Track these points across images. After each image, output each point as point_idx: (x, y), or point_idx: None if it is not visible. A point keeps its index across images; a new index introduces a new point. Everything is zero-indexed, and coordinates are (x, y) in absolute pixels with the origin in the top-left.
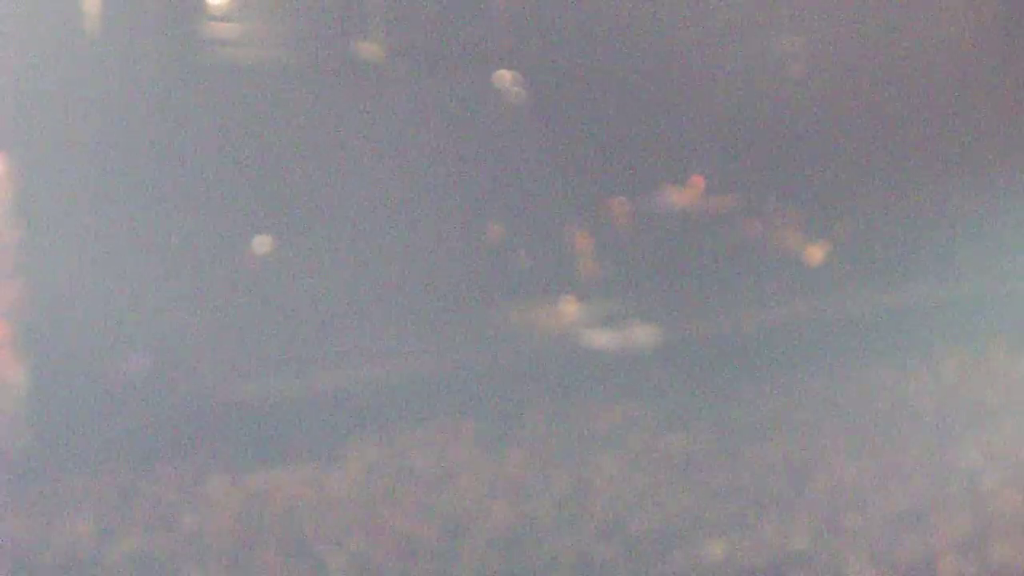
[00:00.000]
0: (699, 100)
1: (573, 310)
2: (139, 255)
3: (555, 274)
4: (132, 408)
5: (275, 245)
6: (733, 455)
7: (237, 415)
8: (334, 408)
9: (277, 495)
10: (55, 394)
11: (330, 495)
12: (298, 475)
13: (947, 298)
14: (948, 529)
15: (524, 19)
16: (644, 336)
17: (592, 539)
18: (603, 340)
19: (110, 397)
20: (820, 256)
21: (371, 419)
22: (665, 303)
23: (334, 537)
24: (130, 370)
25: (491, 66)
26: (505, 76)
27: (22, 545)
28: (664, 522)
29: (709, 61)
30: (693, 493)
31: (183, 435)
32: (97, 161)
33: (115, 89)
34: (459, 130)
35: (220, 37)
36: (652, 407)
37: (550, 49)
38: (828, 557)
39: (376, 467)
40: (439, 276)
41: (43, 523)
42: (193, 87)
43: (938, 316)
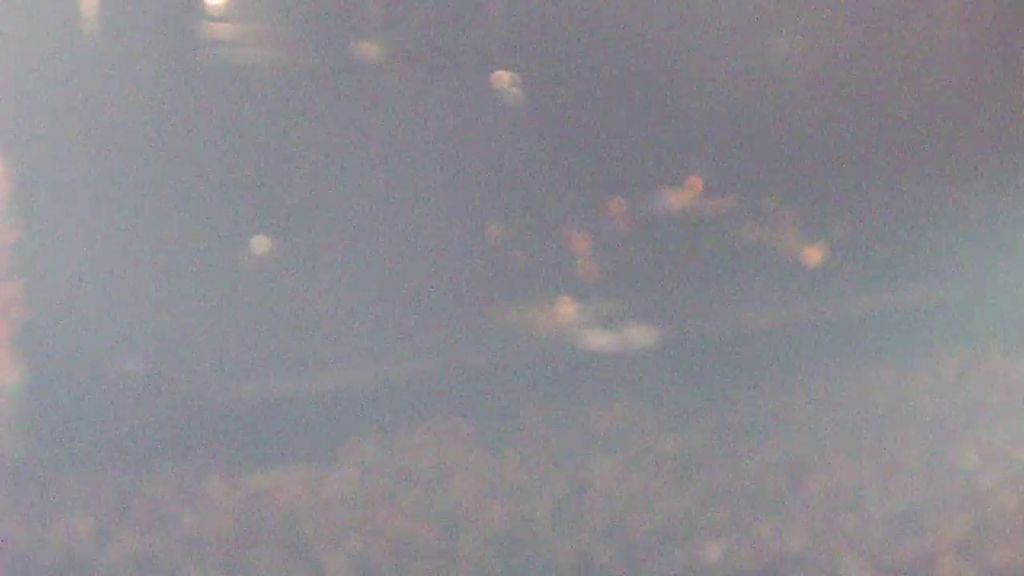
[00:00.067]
0: (698, 102)
1: (571, 311)
2: (137, 256)
3: (553, 275)
4: (130, 409)
5: (274, 246)
6: (731, 456)
7: (235, 416)
8: (332, 409)
9: (275, 495)
10: (54, 395)
11: (328, 495)
12: (296, 476)
13: (946, 299)
14: (946, 530)
15: (523, 21)
16: (642, 337)
17: (590, 539)
18: (601, 341)
19: (109, 398)
20: (818, 257)
21: (369, 420)
22: (663, 304)
23: (332, 537)
24: (129, 371)
25: (490, 67)
26: (504, 77)
27: (21, 545)
28: (662, 523)
29: (708, 63)
30: (691, 494)
31: (181, 436)
32: (95, 162)
33: (113, 89)
34: (458, 131)
35: (218, 37)
36: (650, 408)
37: (549, 51)
38: (825, 558)
39: (374, 467)
40: (437, 277)
41: (41, 523)
42: (191, 88)
43: (937, 317)
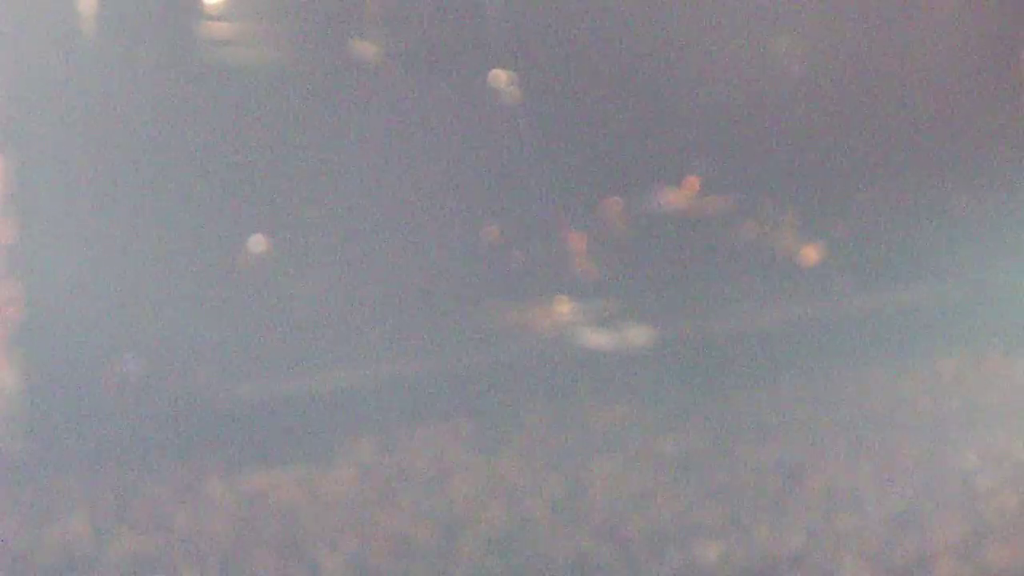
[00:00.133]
0: (695, 100)
1: (568, 310)
2: (136, 256)
3: (550, 274)
4: (128, 410)
5: (271, 246)
6: (729, 456)
7: (233, 417)
8: (330, 409)
9: (273, 496)
10: (51, 395)
11: (326, 496)
12: (294, 476)
13: (945, 299)
14: (944, 531)
15: (520, 19)
16: (639, 337)
17: (588, 540)
18: (599, 341)
19: (106, 399)
20: (816, 257)
21: (367, 420)
22: (661, 304)
23: (330, 538)
24: (126, 372)
25: (487, 66)
26: (500, 76)
27: (18, 545)
28: (660, 522)
29: (707, 62)
30: (689, 494)
31: (179, 436)
32: (93, 161)
33: (111, 89)
34: (454, 130)
35: (216, 36)
36: (648, 408)
37: (545, 49)
38: (823, 558)
39: (372, 468)
40: (434, 276)
41: (39, 524)
42: (190, 87)
43: (936, 317)
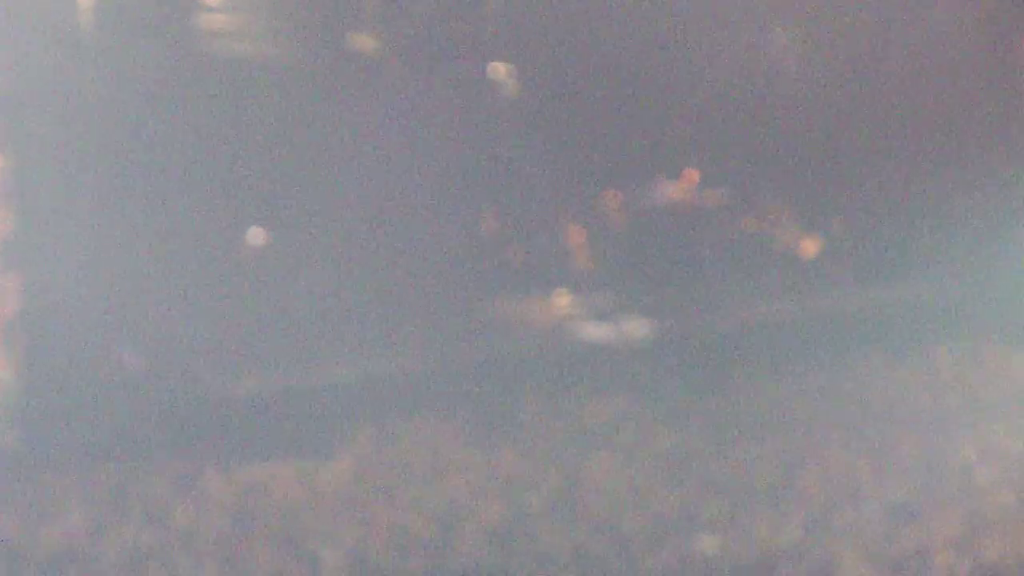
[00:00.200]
0: (695, 95)
1: (567, 305)
2: (133, 250)
3: (549, 269)
4: (126, 403)
5: (269, 240)
6: (726, 450)
7: (231, 410)
8: (327, 403)
9: (271, 489)
10: (49, 389)
11: (324, 489)
12: (291, 470)
13: (943, 293)
14: (942, 524)
15: (519, 12)
16: (638, 331)
17: (585, 533)
18: (597, 335)
19: (104, 392)
20: (815, 251)
21: (365, 414)
22: (659, 298)
23: (328, 531)
24: (124, 365)
25: (485, 59)
26: (500, 69)
27: (16, 540)
28: (657, 516)
29: (705, 56)
30: (686, 487)
31: (177, 430)
32: (91, 156)
33: (109, 83)
34: (453, 123)
35: (215, 29)
36: (646, 402)
37: (544, 42)
38: (821, 552)
39: (370, 461)
40: (433, 271)
41: (37, 519)
42: (188, 80)
43: (934, 311)
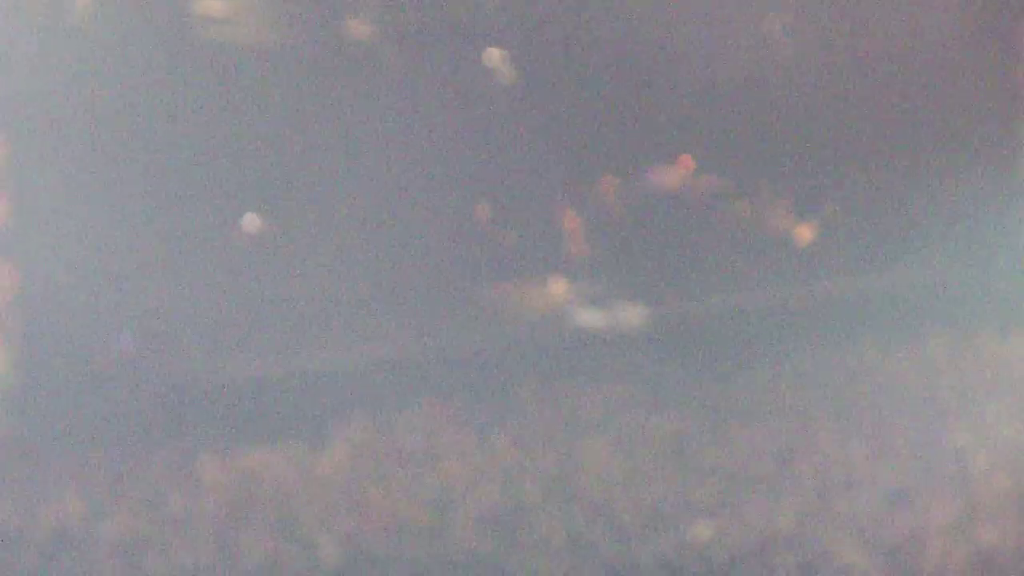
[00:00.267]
0: (690, 81)
1: (562, 291)
2: (128, 235)
3: (544, 255)
4: (121, 389)
5: (263, 226)
6: (721, 436)
7: (226, 395)
8: (323, 389)
9: (266, 475)
10: (44, 375)
11: (319, 475)
12: (287, 455)
13: (937, 280)
14: (937, 510)
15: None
16: (633, 318)
17: (581, 519)
18: (592, 321)
19: (99, 378)
20: (809, 238)
21: (360, 400)
22: (654, 284)
23: (323, 516)
24: (119, 351)
25: (481, 45)
26: (495, 55)
27: (12, 524)
28: (652, 503)
29: (700, 43)
30: (681, 474)
31: (172, 416)
32: (84, 142)
33: (104, 70)
34: (448, 110)
35: (209, 15)
36: (640, 388)
37: (539, 28)
38: (816, 538)
39: (365, 447)
40: (428, 257)
41: (33, 503)
42: (182, 66)
43: (928, 297)
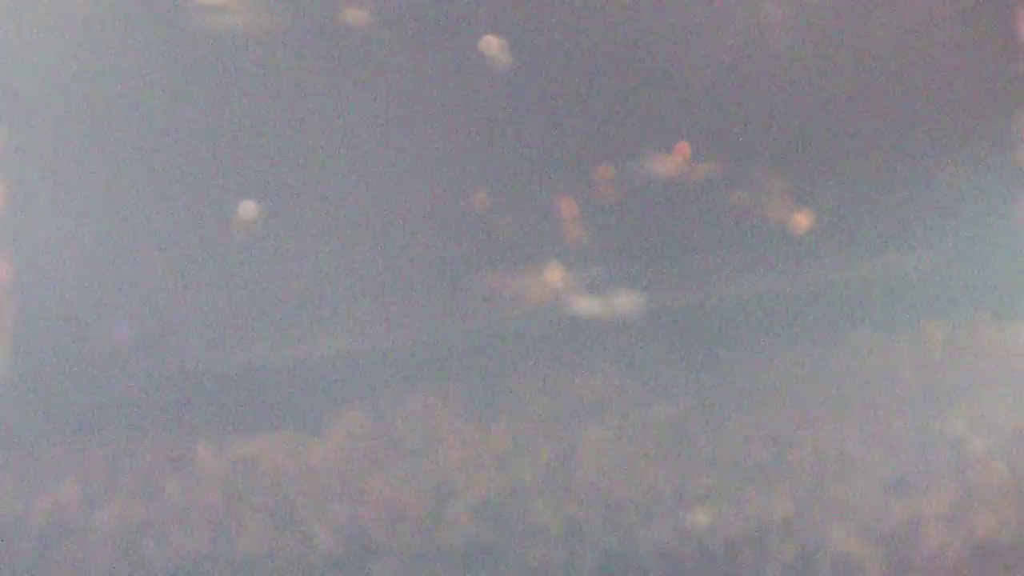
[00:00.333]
0: (687, 69)
1: (559, 279)
2: (124, 224)
3: (541, 243)
4: (118, 377)
5: (260, 215)
6: (718, 424)
7: (223, 383)
8: (320, 377)
9: (263, 462)
10: (41, 363)
11: (316, 463)
12: (284, 443)
13: (933, 267)
14: (933, 497)
15: None
16: (629, 305)
17: (577, 506)
18: (588, 309)
19: (96, 366)
20: (806, 225)
21: (357, 387)
22: (650, 272)
23: (320, 504)
24: (116, 339)
25: (478, 32)
26: (492, 42)
27: (8, 512)
28: (649, 490)
29: (698, 30)
30: (678, 461)
31: (169, 403)
32: (80, 131)
33: (101, 58)
34: (445, 97)
35: (205, 3)
36: (637, 376)
37: (536, 15)
38: (811, 525)
39: (362, 435)
40: (425, 245)
41: (29, 491)
42: (178, 55)
43: (924, 285)
